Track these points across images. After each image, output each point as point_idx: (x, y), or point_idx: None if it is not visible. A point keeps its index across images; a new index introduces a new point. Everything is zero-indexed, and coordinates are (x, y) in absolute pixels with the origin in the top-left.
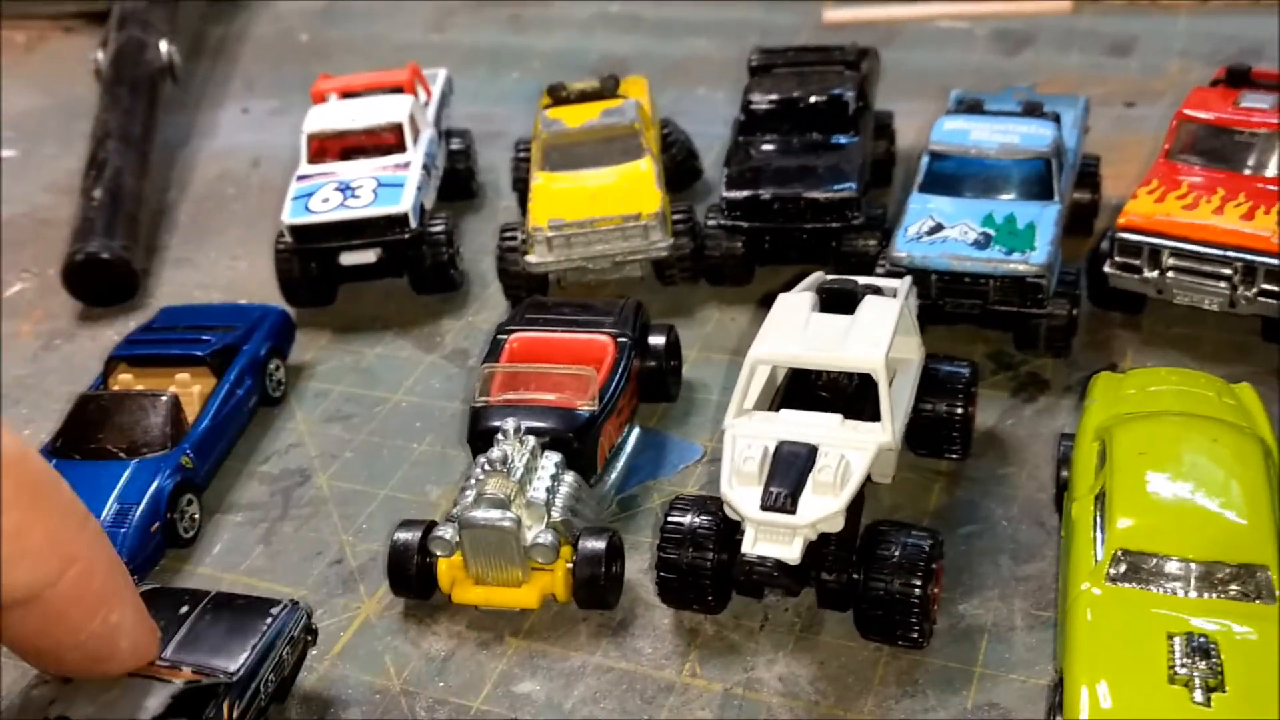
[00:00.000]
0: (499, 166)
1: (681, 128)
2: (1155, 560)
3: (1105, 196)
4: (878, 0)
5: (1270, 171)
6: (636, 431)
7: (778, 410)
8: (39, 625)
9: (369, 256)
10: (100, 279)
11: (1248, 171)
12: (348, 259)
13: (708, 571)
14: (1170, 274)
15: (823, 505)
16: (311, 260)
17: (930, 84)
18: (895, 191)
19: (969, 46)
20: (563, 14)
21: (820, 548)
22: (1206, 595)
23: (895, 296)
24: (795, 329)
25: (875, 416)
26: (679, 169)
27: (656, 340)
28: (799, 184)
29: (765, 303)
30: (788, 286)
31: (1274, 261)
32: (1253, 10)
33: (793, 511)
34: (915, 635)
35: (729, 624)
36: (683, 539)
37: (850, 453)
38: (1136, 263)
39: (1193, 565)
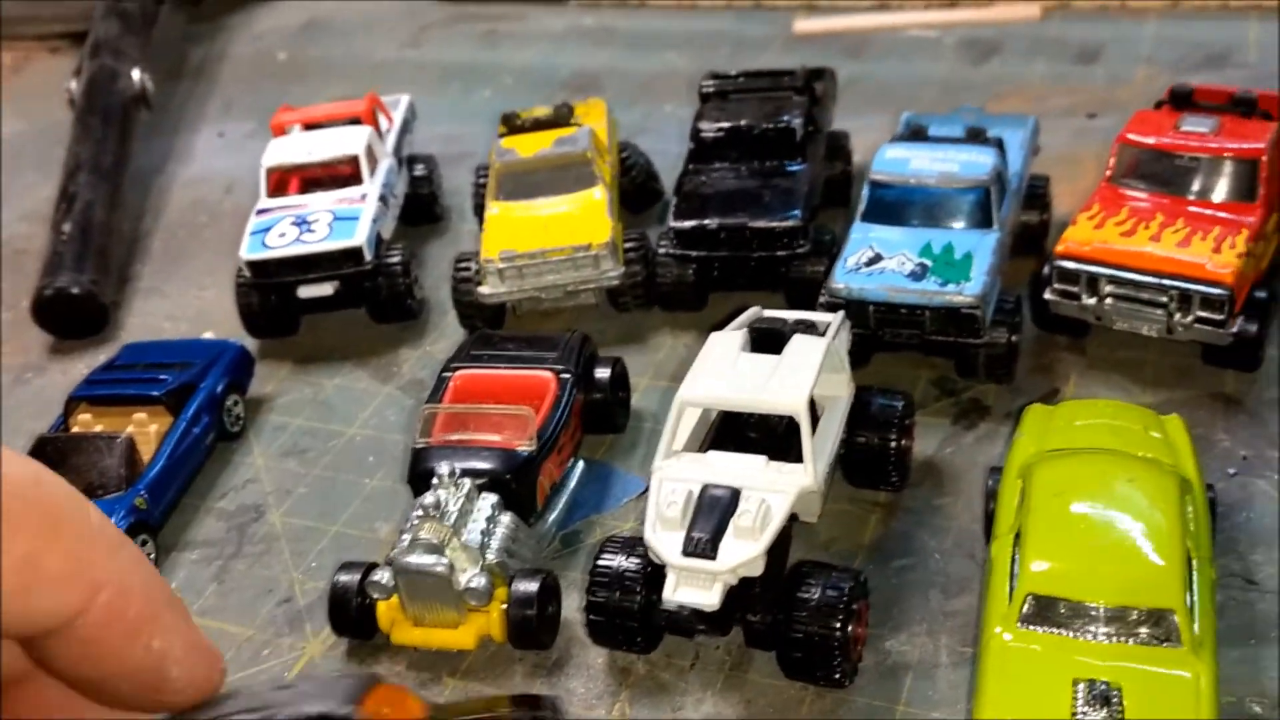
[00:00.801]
0: (466, 189)
1: (642, 149)
2: (1066, 604)
3: (1061, 213)
4: (848, 10)
5: (1210, 196)
6: (580, 466)
7: (708, 450)
8: (80, 653)
9: (326, 289)
10: (70, 313)
11: (1189, 196)
12: (305, 292)
13: (635, 614)
14: (1109, 301)
15: (743, 550)
16: (271, 293)
17: (897, 96)
18: (852, 211)
19: (937, 56)
20: (537, 27)
21: (745, 589)
22: (1116, 640)
23: (826, 333)
24: (723, 370)
25: (802, 457)
26: (639, 191)
27: (602, 373)
28: (745, 213)
29: (718, 329)
30: (729, 319)
31: (1208, 289)
32: (1221, 14)
33: (713, 557)
34: (837, 676)
35: (660, 663)
36: (610, 582)
37: (771, 496)
38: (1075, 289)
39: (1103, 609)
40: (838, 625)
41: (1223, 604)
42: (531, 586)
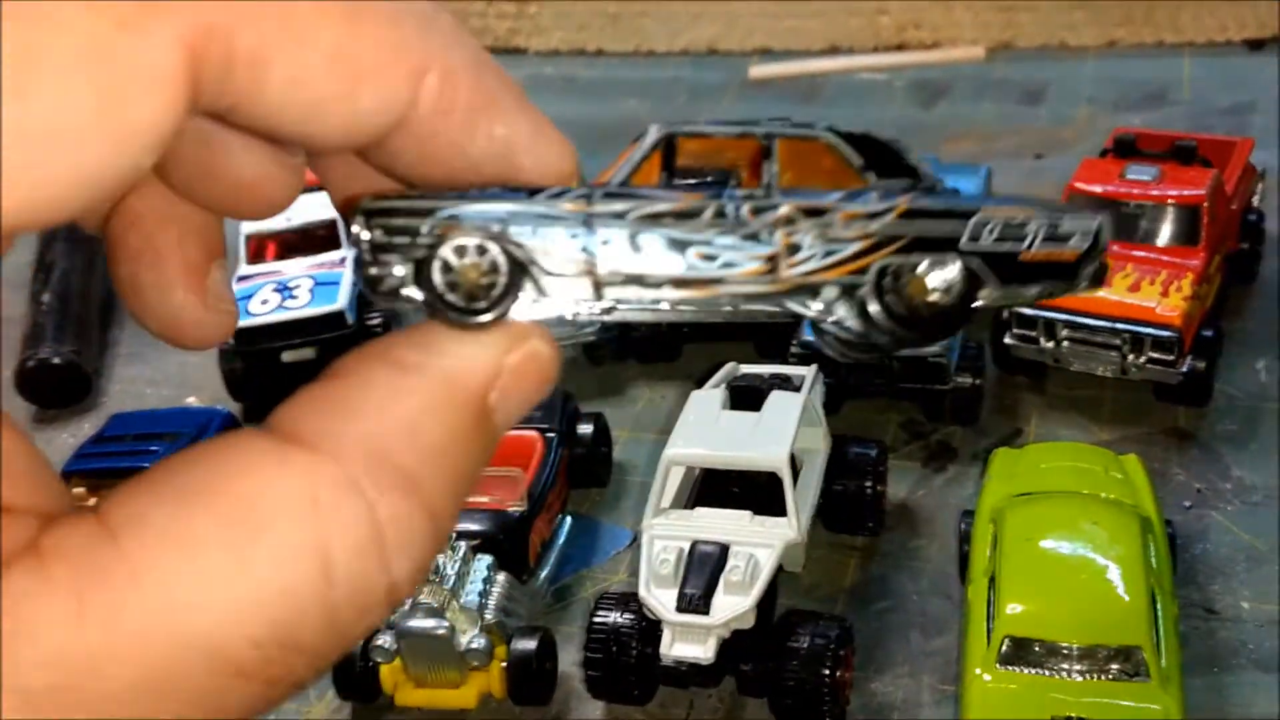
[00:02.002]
0: None
1: None
2: (1041, 645)
3: None
4: (801, 55)
5: (1156, 241)
6: (569, 521)
7: (694, 505)
8: (415, 152)
9: (309, 354)
10: (53, 383)
11: (1136, 241)
12: (289, 357)
13: (632, 668)
14: (1065, 344)
15: (734, 604)
16: (254, 359)
17: None
18: None
19: (888, 99)
20: None
21: (736, 640)
22: (1089, 677)
23: (801, 388)
24: (705, 428)
25: (784, 509)
26: None
27: (584, 429)
28: None
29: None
30: (707, 375)
31: (1158, 332)
32: (1155, 53)
33: (706, 612)
34: None
35: (657, 713)
36: (607, 637)
37: (759, 550)
38: (1034, 334)
39: (1075, 648)
40: (827, 672)
41: (1186, 634)
42: (530, 644)
